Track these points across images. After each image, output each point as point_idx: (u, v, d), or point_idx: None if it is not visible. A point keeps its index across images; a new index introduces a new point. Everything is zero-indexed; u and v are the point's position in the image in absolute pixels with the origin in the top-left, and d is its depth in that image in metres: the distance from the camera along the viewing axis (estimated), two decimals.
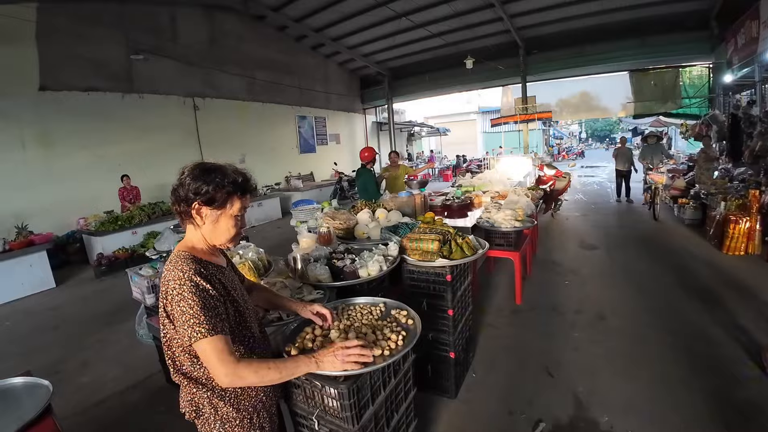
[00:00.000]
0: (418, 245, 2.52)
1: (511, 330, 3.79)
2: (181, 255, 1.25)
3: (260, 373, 1.20)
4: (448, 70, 14.75)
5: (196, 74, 10.46)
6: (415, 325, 1.64)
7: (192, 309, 1.14)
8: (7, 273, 5.73)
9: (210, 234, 1.30)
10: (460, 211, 4.73)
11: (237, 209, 1.28)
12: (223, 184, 1.24)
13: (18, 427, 1.46)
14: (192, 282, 1.16)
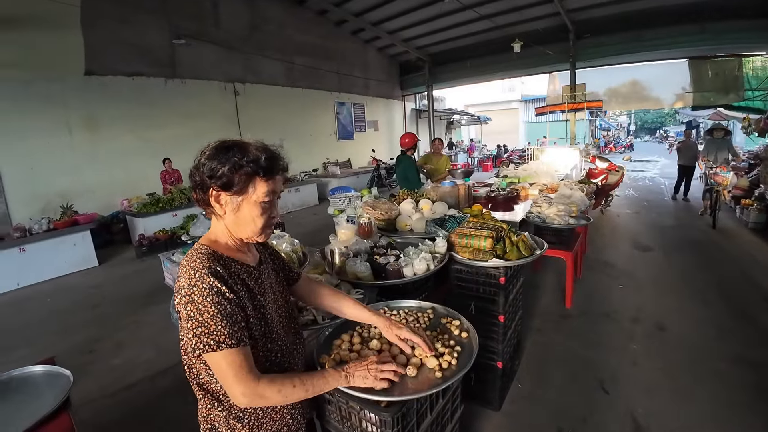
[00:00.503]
0: (468, 242, 2.25)
1: (560, 337, 3.46)
2: (199, 249, 1.07)
3: (284, 392, 1.02)
4: (491, 56, 14.07)
5: (236, 59, 10.46)
6: (470, 339, 1.39)
7: (201, 315, 0.95)
8: (51, 251, 5.89)
9: (233, 225, 1.09)
10: (505, 203, 4.38)
11: (262, 194, 1.05)
12: (241, 164, 1.01)
13: (30, 424, 1.35)
14: (204, 283, 0.97)
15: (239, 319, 0.99)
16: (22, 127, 6.87)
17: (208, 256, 1.03)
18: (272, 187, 1.06)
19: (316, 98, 13.06)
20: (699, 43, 10.89)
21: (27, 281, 5.65)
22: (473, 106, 26.33)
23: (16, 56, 6.72)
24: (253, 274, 1.13)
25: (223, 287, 0.98)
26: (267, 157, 1.05)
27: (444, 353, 1.27)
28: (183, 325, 0.98)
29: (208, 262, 1.01)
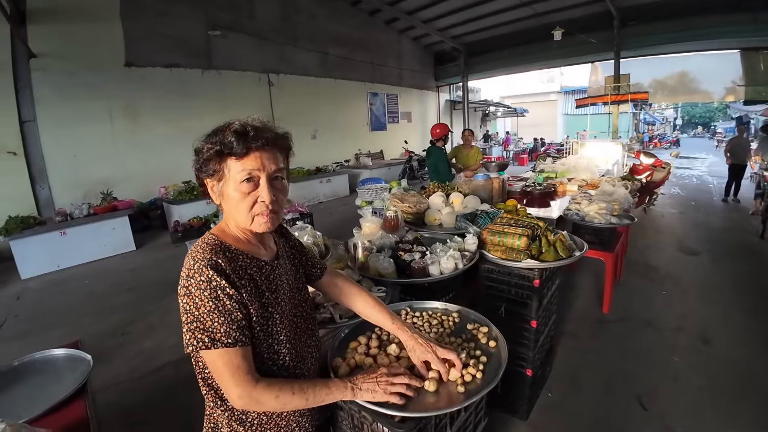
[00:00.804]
0: (501, 240, 2.10)
1: (596, 344, 3.23)
2: (205, 239, 1.00)
3: (282, 399, 0.94)
4: (529, 45, 13.54)
5: (271, 50, 10.54)
6: (499, 349, 1.26)
7: (197, 310, 0.89)
8: (91, 235, 6.11)
9: (229, 214, 1.03)
10: (542, 199, 4.19)
11: (236, 174, 0.95)
12: (212, 146, 0.95)
13: (42, 410, 1.35)
14: (202, 275, 0.90)
15: (239, 317, 0.92)
16: (67, 116, 7.16)
17: (212, 247, 0.96)
18: (248, 166, 0.94)
19: (350, 89, 13.01)
20: (751, 33, 10.02)
21: (67, 263, 5.88)
22: (510, 98, 25.60)
23: (62, 47, 7.01)
24: (264, 269, 1.05)
25: (222, 281, 0.90)
26: (236, 131, 0.94)
27: (468, 364, 1.14)
28: (181, 317, 0.91)
29: (210, 253, 0.94)
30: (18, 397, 1.47)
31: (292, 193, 5.31)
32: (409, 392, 1.03)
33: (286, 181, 1.05)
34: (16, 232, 5.46)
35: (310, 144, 11.93)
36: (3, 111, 6.54)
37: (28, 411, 1.34)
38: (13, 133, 6.68)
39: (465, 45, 15.31)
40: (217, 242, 0.99)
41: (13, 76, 6.57)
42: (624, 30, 11.73)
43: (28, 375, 1.62)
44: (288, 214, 4.15)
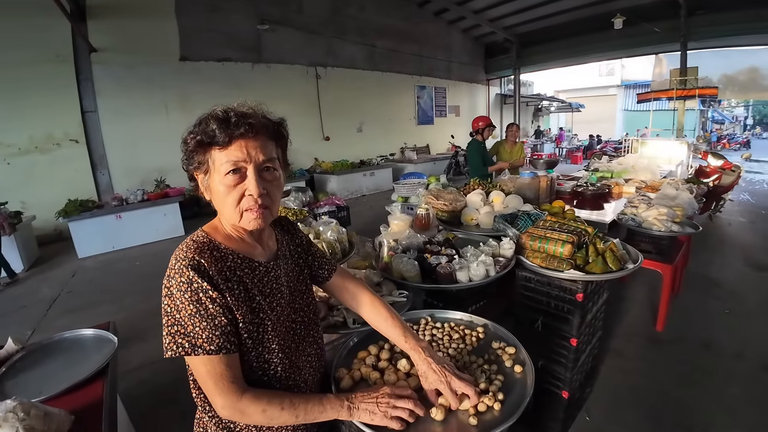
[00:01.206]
0: (542, 245, 1.90)
1: (644, 365, 2.90)
2: (193, 236, 0.93)
3: (269, 413, 0.86)
4: (587, 35, 12.76)
5: (318, 44, 10.63)
6: (524, 375, 1.10)
7: (179, 312, 0.83)
8: (144, 219, 6.44)
9: (218, 210, 0.94)
10: (594, 201, 3.87)
11: (220, 166, 0.86)
12: (195, 136, 0.87)
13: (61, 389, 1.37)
14: (182, 276, 0.83)
15: (223, 323, 0.84)
16: (126, 107, 7.58)
17: (198, 246, 0.89)
18: (233, 156, 0.85)
19: (397, 82, 12.88)
20: None
21: (120, 245, 6.24)
22: (564, 92, 24.39)
23: (121, 42, 7.42)
24: (256, 270, 0.95)
25: (204, 283, 0.83)
26: (217, 118, 0.85)
27: (487, 391, 1.00)
28: (162, 319, 0.85)
29: (193, 252, 0.86)
30: (45, 374, 1.51)
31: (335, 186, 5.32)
32: (410, 418, 0.91)
33: (279, 172, 0.94)
34: (74, 214, 5.83)
35: (355, 137, 11.97)
36: (66, 101, 7.02)
37: (51, 388, 1.37)
38: (76, 122, 7.17)
39: (518, 36, 14.68)
40: (206, 240, 0.92)
41: (75, 69, 7.03)
42: (691, 19, 10.76)
43: (57, 353, 1.66)
44: (324, 207, 4.10)
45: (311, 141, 10.78)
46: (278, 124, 0.95)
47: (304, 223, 2.07)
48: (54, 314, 4.10)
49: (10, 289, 4.86)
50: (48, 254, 6.19)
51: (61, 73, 6.88)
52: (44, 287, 4.84)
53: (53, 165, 7.00)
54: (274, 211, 0.94)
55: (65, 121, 7.06)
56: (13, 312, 4.20)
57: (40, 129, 6.87)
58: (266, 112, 0.93)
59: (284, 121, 0.98)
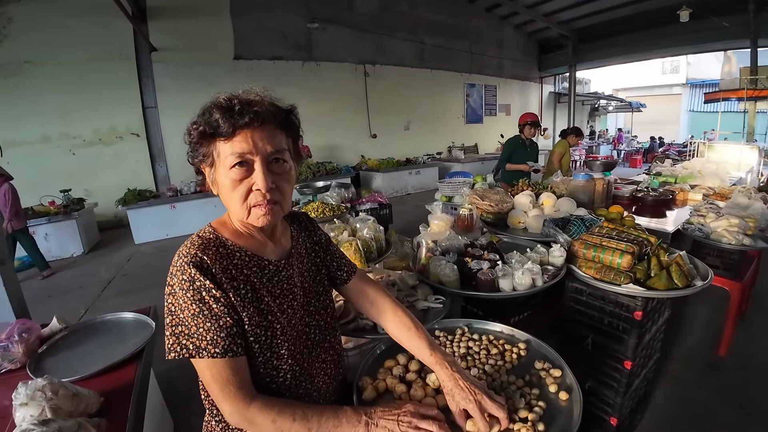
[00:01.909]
0: (597, 255, 1.72)
1: (704, 393, 2.57)
2: (200, 232, 0.88)
3: (279, 424, 0.78)
4: (649, 30, 11.89)
5: (368, 42, 10.63)
6: (571, 405, 0.96)
7: (182, 312, 0.77)
8: (196, 209, 6.70)
9: (225, 204, 0.88)
10: (655, 207, 3.57)
11: (225, 159, 0.80)
12: (198, 127, 0.83)
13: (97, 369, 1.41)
14: (184, 274, 0.77)
15: (228, 323, 0.78)
16: (184, 104, 7.82)
17: (203, 242, 0.83)
18: (238, 147, 0.79)
19: (446, 79, 12.65)
20: None
21: (174, 233, 6.53)
22: (624, 91, 22.96)
23: (179, 42, 7.78)
24: (266, 270, 0.88)
25: (207, 282, 0.77)
26: (220, 107, 0.79)
27: (526, 418, 0.88)
28: (165, 318, 0.79)
29: (197, 248, 0.81)
30: (84, 354, 1.56)
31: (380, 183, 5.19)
32: None
33: (289, 164, 0.86)
34: (132, 203, 6.22)
35: (402, 135, 11.90)
36: (128, 97, 7.48)
37: (86, 368, 1.40)
38: (137, 117, 7.62)
39: (574, 31, 13.93)
40: (212, 236, 0.86)
41: (137, 67, 7.47)
42: (761, 14, 9.79)
43: (97, 334, 1.71)
44: (366, 204, 4.03)
45: (358, 138, 10.82)
46: (288, 112, 0.88)
47: (341, 219, 2.00)
48: (108, 295, 4.35)
49: (71, 270, 5.20)
50: (108, 239, 6.63)
51: (124, 70, 7.33)
52: (102, 269, 5.14)
53: (115, 156, 7.48)
54: (284, 206, 0.87)
55: (127, 116, 7.52)
56: (73, 291, 4.50)
57: (104, 123, 7.35)
58: (275, 99, 0.87)
59: (295, 109, 0.91)
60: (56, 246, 5.68)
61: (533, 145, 4.79)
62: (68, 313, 3.92)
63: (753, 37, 10.15)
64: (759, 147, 7.27)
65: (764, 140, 13.97)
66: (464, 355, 1.15)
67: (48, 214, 5.60)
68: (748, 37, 10.21)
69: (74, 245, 5.75)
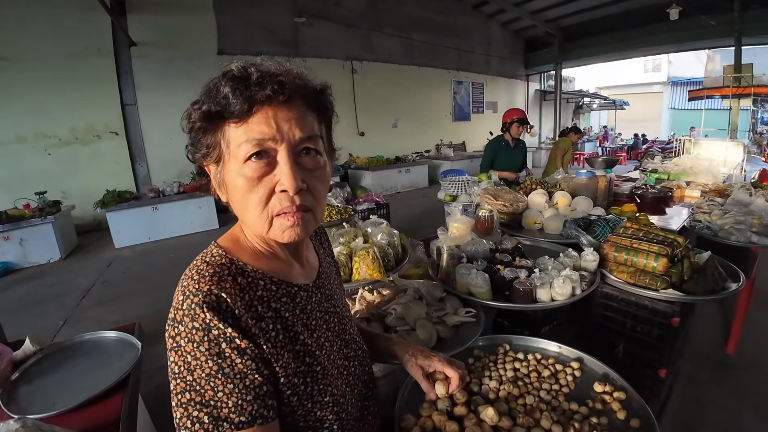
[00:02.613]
0: (630, 258, 1.60)
1: (718, 394, 2.50)
2: (207, 255, 0.67)
3: None
4: (635, 29, 12.09)
5: (355, 38, 10.47)
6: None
7: (191, 373, 0.56)
8: (179, 211, 6.43)
9: (238, 214, 0.67)
10: (655, 204, 3.51)
11: (239, 144, 0.59)
12: (196, 105, 0.62)
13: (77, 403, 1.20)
14: (195, 321, 0.56)
15: (257, 382, 0.58)
16: (165, 101, 7.57)
17: (216, 271, 0.62)
18: (256, 131, 0.58)
19: (433, 77, 12.56)
20: None
21: (156, 236, 6.24)
22: (606, 89, 23.26)
23: (160, 37, 7.46)
24: (297, 298, 0.70)
25: (228, 330, 0.57)
26: (233, 77, 0.59)
27: None
28: (170, 382, 0.59)
29: (210, 283, 0.59)
30: (62, 382, 1.36)
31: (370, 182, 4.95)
32: None
33: (323, 157, 0.66)
34: (111, 204, 5.88)
35: (391, 132, 11.78)
36: (107, 94, 7.11)
37: (65, 400, 1.22)
38: (116, 115, 7.26)
39: (560, 29, 14.02)
40: (225, 261, 0.64)
41: (115, 62, 7.10)
42: (746, 13, 10.00)
43: (76, 356, 1.51)
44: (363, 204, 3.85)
45: (346, 136, 10.62)
46: (320, 91, 0.68)
47: (349, 224, 1.84)
48: (87, 304, 4.07)
49: (48, 277, 4.90)
50: (86, 243, 6.28)
51: (102, 66, 6.97)
52: (80, 276, 4.85)
53: (93, 156, 7.11)
54: (318, 215, 0.67)
55: (106, 114, 7.15)
56: (50, 300, 4.20)
57: (82, 121, 6.97)
58: (305, 75, 0.66)
59: (328, 88, 0.70)
60: (32, 251, 5.33)
61: (519, 145, 4.27)
62: (46, 325, 3.70)
63: (737, 36, 10.36)
64: (743, 144, 7.38)
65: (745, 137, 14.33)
66: (513, 379, 1.00)
67: (23, 217, 5.25)
68: (733, 36, 10.42)
69: (51, 250, 5.42)
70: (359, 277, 1.44)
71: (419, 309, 1.22)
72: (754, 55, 11.25)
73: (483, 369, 1.04)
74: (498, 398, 0.92)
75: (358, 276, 1.44)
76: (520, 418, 0.83)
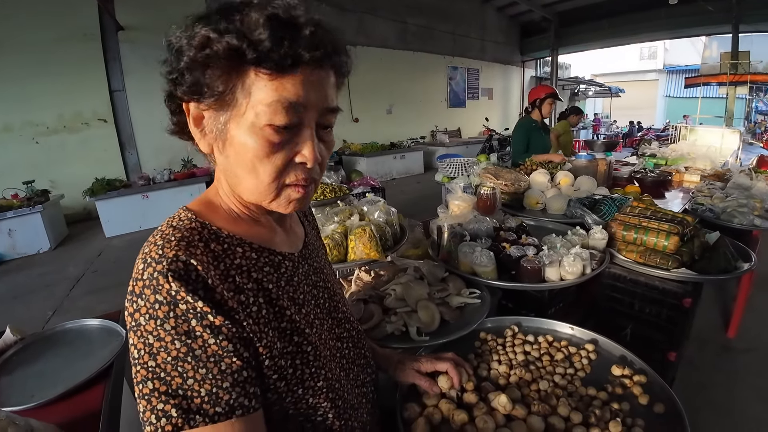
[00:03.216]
0: (640, 237, 1.53)
1: (720, 378, 2.48)
2: (174, 219, 0.57)
3: None
4: (633, 14, 11.93)
5: (349, 21, 10.21)
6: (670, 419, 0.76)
7: (155, 357, 0.46)
8: (170, 199, 6.28)
9: (229, 174, 0.57)
10: (655, 188, 3.48)
11: (268, 103, 0.49)
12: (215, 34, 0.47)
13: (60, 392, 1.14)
14: (158, 293, 0.47)
15: (236, 366, 0.48)
16: (154, 87, 7.07)
17: (182, 234, 0.52)
18: (291, 92, 0.49)
19: (428, 62, 12.36)
20: None
21: (148, 225, 6.09)
22: (602, 76, 23.10)
23: (148, 20, 7.15)
24: (282, 267, 0.61)
25: (199, 303, 0.47)
26: (276, 17, 0.47)
27: None
28: (132, 368, 0.49)
29: (177, 247, 0.50)
30: (43, 372, 1.30)
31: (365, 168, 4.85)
32: None
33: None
34: (101, 193, 5.73)
35: (385, 118, 11.62)
36: (94, 81, 6.87)
37: (45, 392, 1.15)
38: (104, 101, 7.03)
39: (557, 14, 13.81)
40: (196, 225, 0.55)
41: (102, 47, 6.86)
42: (744, 0, 9.91)
43: (58, 346, 1.44)
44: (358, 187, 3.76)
45: (340, 122, 10.09)
46: (349, 56, 0.59)
47: (344, 202, 1.75)
48: (77, 293, 3.98)
49: (38, 267, 4.78)
50: (76, 232, 6.14)
51: (88, 51, 6.73)
52: (70, 266, 4.74)
53: (82, 144, 6.91)
54: (316, 188, 0.62)
55: (94, 101, 6.94)
56: (38, 290, 4.10)
57: (69, 108, 6.77)
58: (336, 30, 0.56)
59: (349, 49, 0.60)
60: (21, 242, 5.19)
61: (545, 126, 3.94)
62: (35, 315, 3.61)
63: (734, 23, 10.29)
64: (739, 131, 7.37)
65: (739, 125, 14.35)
66: (524, 363, 0.93)
67: (11, 207, 5.11)
68: (730, 23, 10.35)
69: (40, 240, 5.29)
70: (355, 257, 1.36)
71: (421, 289, 1.14)
72: (751, 43, 11.16)
73: (491, 353, 0.97)
74: (509, 384, 0.85)
75: (354, 255, 1.36)
76: (535, 405, 0.76)
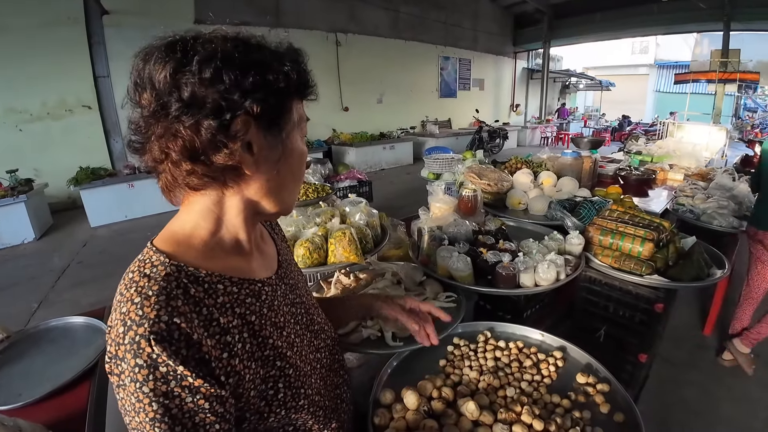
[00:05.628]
0: (616, 242, 1.57)
1: (695, 376, 2.58)
2: (147, 264, 0.54)
3: None
4: (626, 8, 12.01)
5: (340, 8, 10.11)
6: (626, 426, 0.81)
7: (136, 415, 0.47)
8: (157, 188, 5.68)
9: (273, 191, 0.60)
10: (638, 187, 3.56)
11: (303, 120, 0.64)
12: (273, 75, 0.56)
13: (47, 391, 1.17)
14: (138, 356, 0.46)
15: (208, 421, 0.49)
16: None
17: (160, 286, 0.50)
18: (303, 113, 0.64)
19: (420, 51, 12.28)
20: None
21: (133, 215, 6.06)
22: (593, 69, 23.13)
23: (133, 4, 7.02)
24: (262, 295, 0.62)
25: (179, 368, 0.47)
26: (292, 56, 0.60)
27: None
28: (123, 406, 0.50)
29: (157, 304, 0.48)
30: (29, 371, 1.32)
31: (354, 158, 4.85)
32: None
33: None
34: (85, 182, 5.64)
35: (375, 108, 11.57)
36: (78, 66, 6.70)
37: (32, 391, 1.19)
38: (88, 87, 6.86)
39: (550, 6, 13.78)
40: (171, 270, 0.53)
41: (86, 32, 6.68)
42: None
43: (43, 344, 1.46)
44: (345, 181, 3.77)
45: (330, 111, 10.37)
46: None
47: (327, 202, 1.76)
48: (62, 285, 3.95)
49: (22, 259, 4.72)
50: (61, 222, 6.05)
51: (72, 36, 6.54)
52: (55, 257, 4.69)
53: (66, 132, 6.76)
54: None
55: (78, 87, 6.77)
56: (23, 282, 4.05)
57: (53, 95, 6.60)
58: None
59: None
60: (5, 232, 5.08)
61: None
62: (20, 308, 3.58)
63: (726, 21, 10.40)
64: (726, 129, 7.46)
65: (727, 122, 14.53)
66: (494, 369, 0.96)
67: None
68: (722, 20, 10.46)
69: (24, 231, 5.19)
70: (335, 260, 1.38)
71: (397, 294, 1.16)
72: (742, 41, 11.24)
73: (463, 358, 1.00)
74: (478, 390, 0.89)
75: (333, 259, 1.38)
76: (501, 413, 0.79)
